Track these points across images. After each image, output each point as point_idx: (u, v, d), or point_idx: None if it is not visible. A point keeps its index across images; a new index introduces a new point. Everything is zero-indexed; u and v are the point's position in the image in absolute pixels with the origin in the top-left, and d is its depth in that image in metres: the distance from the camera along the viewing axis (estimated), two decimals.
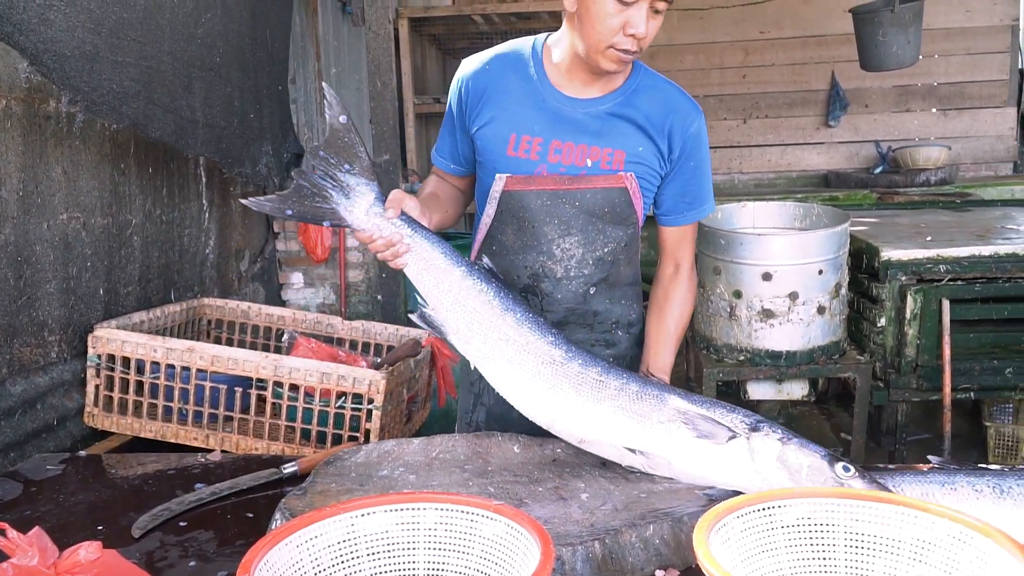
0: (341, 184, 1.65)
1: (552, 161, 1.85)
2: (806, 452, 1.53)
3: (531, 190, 1.86)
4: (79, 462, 2.18)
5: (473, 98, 1.90)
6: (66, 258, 2.63)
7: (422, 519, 1.29)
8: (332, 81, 5.14)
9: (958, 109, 8.00)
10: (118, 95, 2.62)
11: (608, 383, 1.67)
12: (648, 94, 1.87)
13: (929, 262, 3.58)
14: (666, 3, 1.73)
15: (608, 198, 1.87)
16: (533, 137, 1.85)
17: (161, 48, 2.89)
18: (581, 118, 1.84)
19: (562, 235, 1.89)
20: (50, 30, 2.24)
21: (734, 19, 8.06)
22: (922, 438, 4.09)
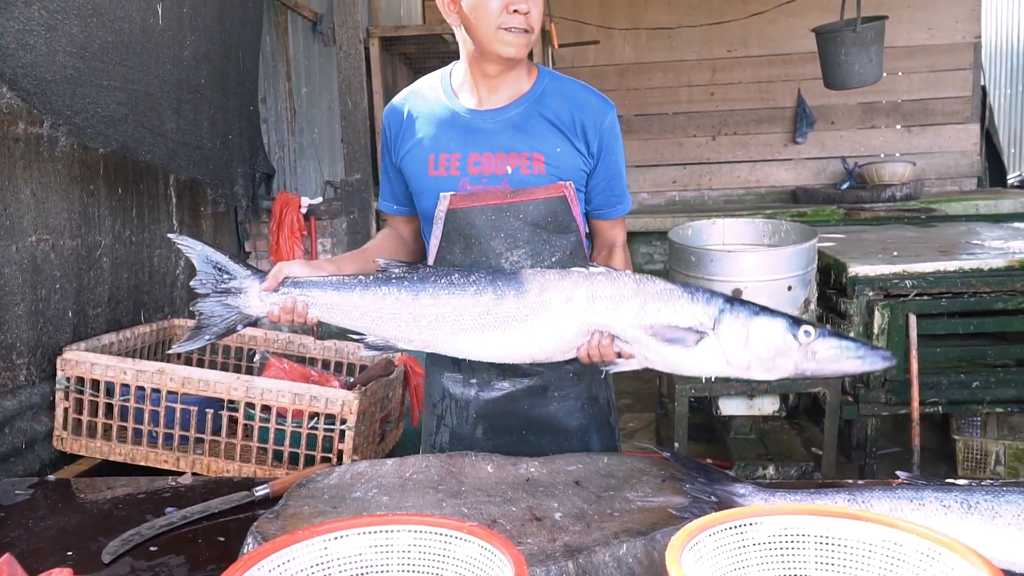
0: (229, 293, 1.81)
1: (473, 174, 1.87)
2: (769, 327, 1.59)
3: (475, 207, 1.87)
4: (48, 486, 2.15)
5: (394, 132, 1.97)
6: (35, 280, 2.60)
7: (395, 541, 1.28)
8: (303, 100, 5.14)
9: (922, 125, 8.14)
10: (104, 119, 2.60)
11: (552, 304, 1.69)
12: (556, 95, 1.90)
13: (896, 277, 3.63)
14: None
15: (550, 208, 1.88)
16: (451, 154, 1.88)
17: (148, 71, 2.87)
18: (493, 127, 1.88)
19: (509, 248, 1.90)
20: (29, 55, 2.22)
21: (701, 38, 8.16)
22: (892, 452, 4.14)
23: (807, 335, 1.57)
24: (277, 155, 4.69)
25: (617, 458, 1.94)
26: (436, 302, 1.74)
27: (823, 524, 1.22)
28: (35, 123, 2.59)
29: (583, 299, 1.68)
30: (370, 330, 1.79)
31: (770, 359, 1.59)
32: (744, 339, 1.59)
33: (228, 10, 3.48)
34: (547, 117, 1.88)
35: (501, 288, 1.72)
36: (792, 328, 1.58)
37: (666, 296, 1.65)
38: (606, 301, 1.67)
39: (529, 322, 1.70)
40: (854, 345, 1.59)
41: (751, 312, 1.62)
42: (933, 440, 4.26)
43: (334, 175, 5.53)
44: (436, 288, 1.75)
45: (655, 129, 8.44)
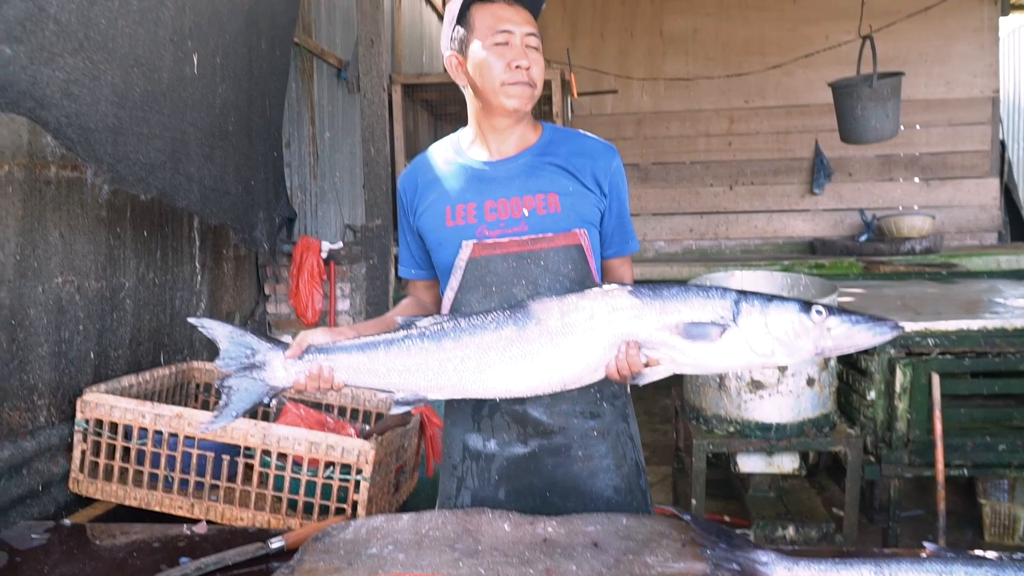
0: (254, 367, 1.82)
1: (490, 220, 1.91)
2: (784, 312, 1.67)
3: (496, 254, 1.90)
4: (64, 531, 2.15)
5: (410, 195, 2.02)
6: (59, 321, 2.62)
7: None
8: (326, 145, 5.20)
9: (941, 179, 8.15)
10: (144, 166, 2.65)
11: (575, 324, 1.71)
12: (562, 143, 1.98)
13: (917, 335, 3.60)
14: (536, 37, 1.90)
15: (569, 255, 1.92)
16: (467, 204, 1.92)
17: (185, 119, 2.93)
18: (505, 175, 1.93)
19: (531, 294, 1.89)
20: (74, 104, 2.26)
21: (719, 88, 8.23)
22: (916, 515, 4.06)
23: (819, 314, 1.65)
24: (299, 199, 4.73)
25: (636, 519, 1.91)
26: (459, 345, 1.75)
27: None
28: (66, 167, 2.63)
29: (605, 313, 1.71)
30: (398, 386, 1.79)
31: (791, 341, 1.66)
32: (764, 325, 1.66)
33: (257, 59, 3.54)
34: (556, 163, 1.94)
35: (521, 318, 1.73)
36: (805, 309, 1.67)
37: (683, 296, 1.70)
38: (628, 311, 1.70)
39: (555, 346, 1.71)
40: (863, 318, 1.68)
41: (765, 300, 1.69)
42: (959, 503, 4.17)
43: (354, 219, 5.57)
44: (457, 332, 1.76)
45: (672, 178, 8.48)
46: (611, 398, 2.01)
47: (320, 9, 5.13)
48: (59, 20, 2.19)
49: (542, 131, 2.01)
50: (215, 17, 3.12)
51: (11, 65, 1.99)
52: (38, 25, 2.10)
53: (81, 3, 2.27)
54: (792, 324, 1.66)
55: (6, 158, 2.36)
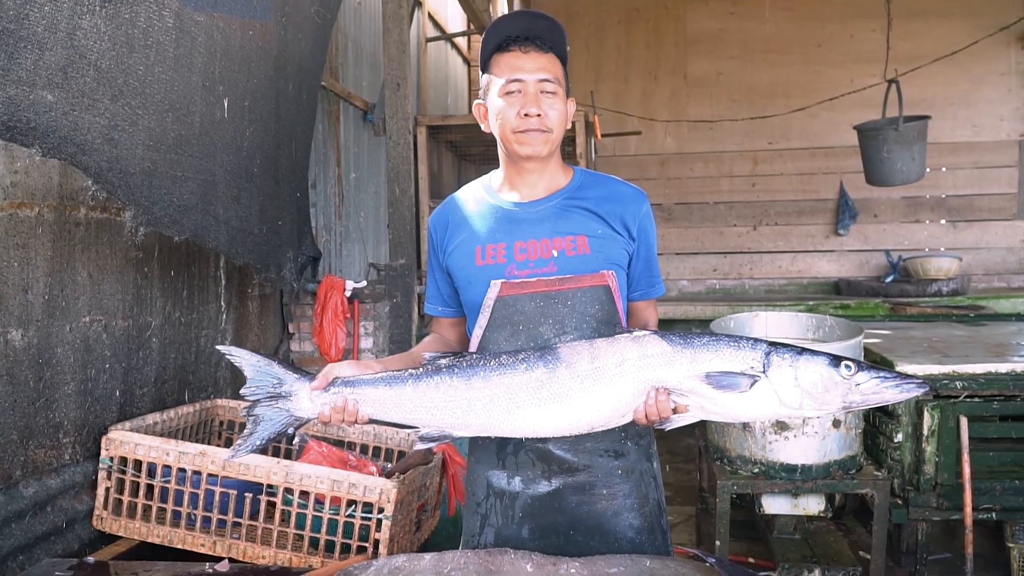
0: (280, 397, 1.85)
1: (519, 260, 1.92)
2: (814, 365, 1.69)
3: (524, 293, 1.91)
4: (87, 568, 2.16)
5: (440, 233, 2.04)
6: (86, 360, 2.65)
7: None
8: (351, 185, 5.26)
9: (968, 220, 8.10)
10: (179, 208, 2.71)
11: (605, 369, 1.74)
12: (592, 187, 2.00)
13: (945, 378, 3.55)
14: (552, 83, 1.90)
15: (596, 296, 1.91)
16: (497, 244, 1.94)
17: (215, 162, 2.99)
18: (536, 216, 1.95)
19: (557, 334, 1.90)
20: (115, 149, 2.32)
21: (743, 130, 8.26)
22: (944, 558, 3.99)
23: (848, 369, 1.68)
24: (324, 238, 4.78)
25: (660, 562, 1.89)
26: (488, 384, 1.77)
27: None
28: (96, 208, 2.68)
29: (636, 359, 1.73)
30: (424, 422, 1.81)
31: (820, 395, 1.69)
32: (794, 378, 1.69)
33: (284, 102, 3.61)
34: (585, 207, 1.95)
35: (551, 361, 1.76)
36: (835, 364, 1.69)
37: (714, 346, 1.73)
38: (659, 358, 1.73)
39: (585, 390, 1.74)
40: (891, 375, 1.70)
41: (795, 353, 1.72)
42: (986, 547, 4.10)
43: (378, 258, 5.62)
44: (487, 371, 1.78)
45: (696, 218, 8.49)
46: (636, 437, 2.00)
47: (348, 53, 5.22)
48: (99, 67, 2.25)
49: (573, 175, 2.02)
50: (244, 62, 3.19)
51: (52, 111, 2.04)
52: (79, 72, 2.16)
53: (120, 51, 2.34)
54: (821, 378, 1.68)
55: (37, 200, 2.41)
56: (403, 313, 4.15)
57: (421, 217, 6.19)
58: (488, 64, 1.94)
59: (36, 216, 2.40)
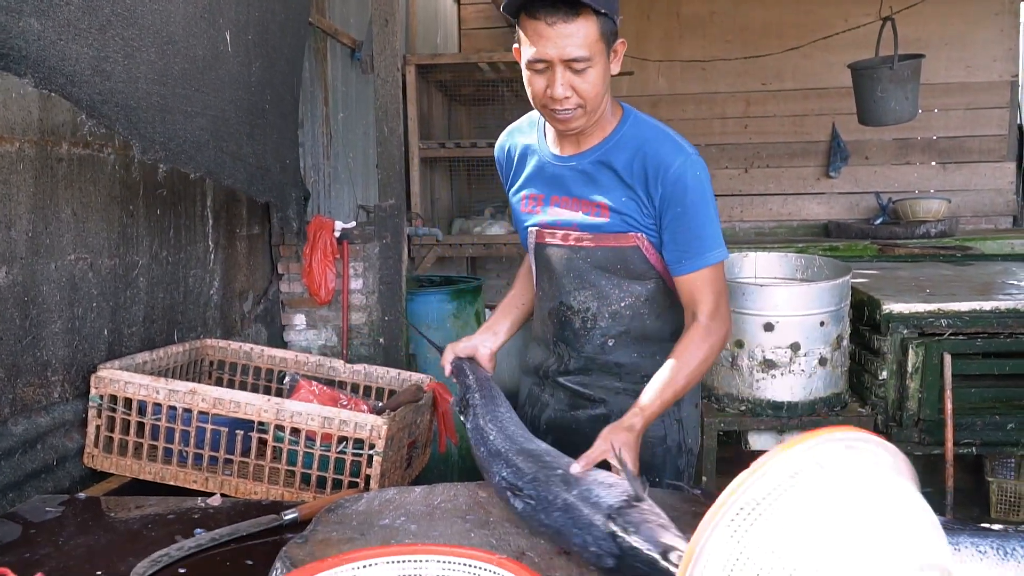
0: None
1: (551, 216, 2.01)
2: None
3: (552, 244, 2.01)
4: (78, 504, 2.17)
5: (506, 168, 2.15)
6: (72, 298, 2.64)
7: (424, 572, 1.28)
8: (339, 125, 5.20)
9: (957, 163, 8.08)
10: (193, 144, 2.66)
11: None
12: (626, 145, 1.90)
13: (930, 316, 3.59)
14: (585, 60, 1.74)
15: (621, 255, 1.94)
16: (537, 194, 2.03)
17: (223, 97, 2.94)
18: (567, 174, 1.96)
19: (577, 288, 2.00)
20: (108, 82, 2.26)
21: (736, 71, 8.18)
22: (924, 492, 4.06)
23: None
24: (312, 179, 4.73)
25: (654, 495, 1.92)
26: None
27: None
28: (78, 144, 2.65)
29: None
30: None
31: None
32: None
33: (279, 38, 3.54)
34: (613, 167, 1.90)
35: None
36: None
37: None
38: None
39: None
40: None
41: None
42: (966, 481, 4.19)
43: (367, 199, 5.58)
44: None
45: None
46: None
47: None
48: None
49: (619, 121, 1.93)
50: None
51: (41, 40, 1.99)
52: (62, 0, 2.10)
53: None
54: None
55: (17, 135, 2.37)
56: (393, 254, 4.14)
57: (411, 157, 6.14)
58: (519, 19, 1.77)
59: (17, 151, 2.37)
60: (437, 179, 7.03)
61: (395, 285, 4.14)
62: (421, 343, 4.39)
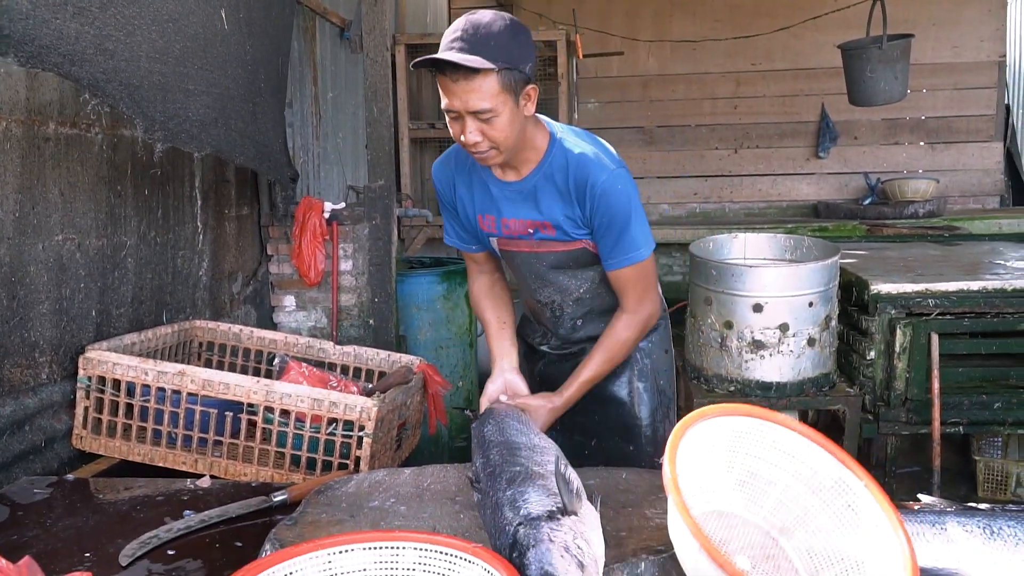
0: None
1: (506, 234, 2.22)
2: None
3: (513, 250, 2.25)
4: (66, 486, 2.17)
5: (448, 190, 2.27)
6: (60, 279, 2.63)
7: (401, 558, 1.29)
8: (329, 105, 5.17)
9: (946, 143, 8.09)
10: (196, 123, 2.64)
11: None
12: (559, 169, 2.09)
13: (918, 296, 3.61)
14: (486, 112, 1.89)
15: (571, 256, 2.20)
16: (489, 215, 2.21)
17: (226, 74, 2.92)
18: (514, 197, 2.15)
19: (540, 286, 2.30)
20: (111, 60, 2.23)
21: (726, 51, 8.15)
22: (911, 471, 4.11)
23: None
24: (301, 159, 4.71)
25: (636, 473, 1.94)
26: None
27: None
28: (65, 123, 2.62)
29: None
30: None
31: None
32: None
33: (268, 16, 3.50)
34: (553, 187, 2.10)
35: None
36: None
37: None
38: None
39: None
40: None
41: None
42: (953, 460, 4.22)
43: (357, 180, 5.55)
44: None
45: (677, 141, 8.42)
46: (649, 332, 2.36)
47: None
48: None
49: (548, 145, 2.10)
50: None
51: (30, 19, 1.96)
52: None
53: None
54: None
55: (4, 114, 2.35)
56: (382, 235, 4.13)
57: (400, 138, 6.11)
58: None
59: (4, 130, 2.34)
60: (427, 160, 7.00)
61: (385, 266, 4.13)
62: (411, 324, 4.39)
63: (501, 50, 1.87)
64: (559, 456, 1.64)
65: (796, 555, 1.43)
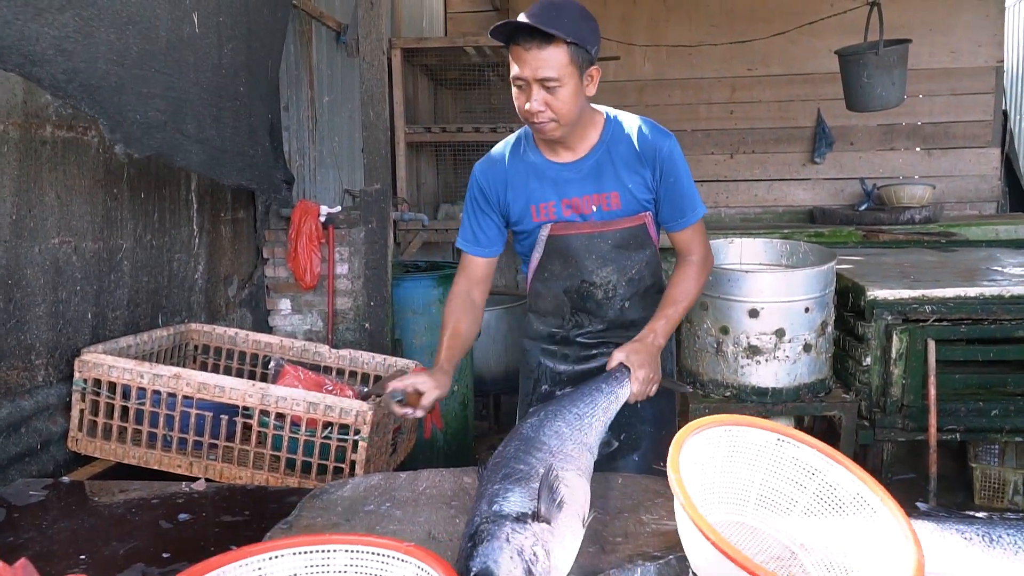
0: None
1: (567, 215, 2.28)
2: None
3: (571, 233, 2.29)
4: (62, 488, 2.16)
5: (499, 189, 2.32)
6: (56, 282, 2.62)
7: (332, 561, 1.29)
8: (325, 109, 5.17)
9: (942, 148, 8.10)
10: (141, 125, 2.63)
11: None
12: (620, 140, 2.26)
13: (915, 302, 3.61)
14: (553, 81, 2.04)
15: (632, 233, 2.30)
16: (548, 202, 2.28)
17: (187, 78, 2.90)
18: (574, 176, 2.26)
19: (599, 266, 2.33)
20: (70, 61, 2.22)
21: (722, 56, 8.16)
22: (908, 478, 4.10)
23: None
24: (297, 163, 4.70)
25: (632, 479, 1.94)
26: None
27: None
28: (62, 127, 2.62)
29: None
30: None
31: None
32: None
33: (256, 20, 3.50)
34: (616, 158, 2.24)
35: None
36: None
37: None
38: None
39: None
40: None
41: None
42: (950, 467, 4.22)
43: (353, 184, 5.55)
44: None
45: None
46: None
47: None
48: None
49: (603, 125, 2.27)
50: None
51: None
52: None
53: None
54: None
55: (1, 117, 2.35)
56: (378, 239, 4.12)
57: (396, 142, 6.11)
58: (507, 43, 2.08)
59: (1, 134, 2.34)
60: (423, 164, 7.00)
61: (381, 270, 4.12)
62: (407, 328, 4.39)
63: (572, 27, 2.02)
64: (554, 467, 1.59)
65: (813, 568, 1.42)
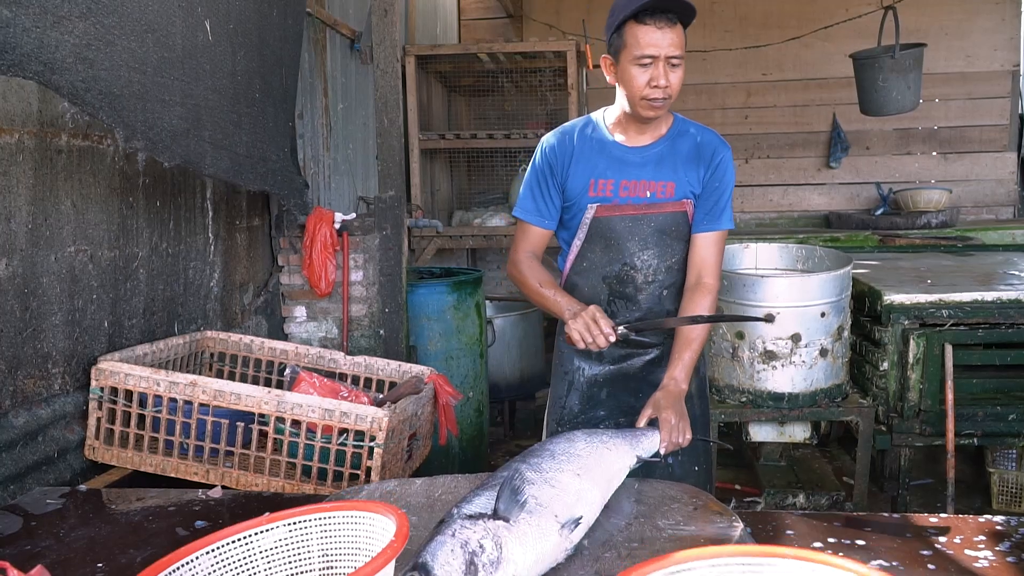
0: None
1: (622, 196, 2.36)
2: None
3: (615, 215, 2.37)
4: (79, 496, 2.17)
5: (564, 160, 2.40)
6: (72, 290, 2.64)
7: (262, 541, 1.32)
8: (339, 116, 5.19)
9: (959, 153, 8.06)
10: (169, 133, 2.64)
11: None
12: (685, 137, 2.39)
13: (932, 307, 3.58)
14: (679, 58, 2.19)
15: (674, 219, 2.38)
16: (606, 180, 2.36)
17: (204, 85, 2.91)
18: (638, 160, 2.36)
19: (641, 248, 2.39)
20: (90, 69, 2.24)
21: (736, 61, 8.15)
22: (925, 483, 4.07)
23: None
24: (312, 170, 4.72)
25: (648, 484, 1.93)
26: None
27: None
28: (77, 135, 2.64)
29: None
30: None
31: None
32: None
33: (269, 27, 3.52)
34: (679, 153, 2.37)
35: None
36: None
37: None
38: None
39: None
40: None
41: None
42: (967, 472, 4.19)
43: (367, 191, 5.57)
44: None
45: None
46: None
47: None
48: None
49: (672, 121, 2.41)
50: None
51: (11, 27, 1.96)
52: None
53: None
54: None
55: (16, 126, 2.36)
56: (393, 245, 4.13)
57: (410, 149, 6.12)
58: (622, 27, 2.20)
59: (16, 143, 2.36)
60: (437, 170, 7.01)
61: (395, 277, 4.13)
62: (422, 334, 4.39)
63: (690, 12, 2.19)
64: (521, 468, 1.59)
65: None
